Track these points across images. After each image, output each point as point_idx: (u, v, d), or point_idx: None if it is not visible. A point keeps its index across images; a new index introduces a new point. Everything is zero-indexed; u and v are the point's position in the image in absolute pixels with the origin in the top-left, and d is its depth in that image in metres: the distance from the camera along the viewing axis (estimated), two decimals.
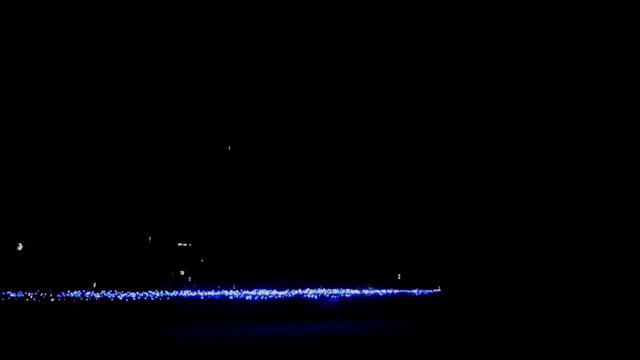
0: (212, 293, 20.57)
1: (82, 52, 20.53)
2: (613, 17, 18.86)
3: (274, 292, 20.49)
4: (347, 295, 21.12)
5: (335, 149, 22.51)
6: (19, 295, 17.52)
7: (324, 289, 21.22)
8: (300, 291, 20.74)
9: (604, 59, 19.53)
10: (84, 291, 18.82)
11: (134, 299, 18.93)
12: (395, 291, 21.41)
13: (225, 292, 20.94)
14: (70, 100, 20.93)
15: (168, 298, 19.53)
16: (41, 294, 17.68)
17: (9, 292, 17.60)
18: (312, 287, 21.21)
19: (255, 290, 20.67)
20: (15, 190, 20.62)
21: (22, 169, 20.59)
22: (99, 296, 18.61)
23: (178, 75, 21.35)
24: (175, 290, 19.89)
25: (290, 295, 20.46)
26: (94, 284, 20.77)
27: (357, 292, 21.30)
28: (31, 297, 17.57)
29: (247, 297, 20.43)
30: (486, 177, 21.07)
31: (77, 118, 21.01)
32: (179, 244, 22.74)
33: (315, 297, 20.81)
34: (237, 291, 20.59)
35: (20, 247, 20.99)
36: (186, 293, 19.82)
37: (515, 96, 20.68)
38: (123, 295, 18.90)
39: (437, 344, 13.79)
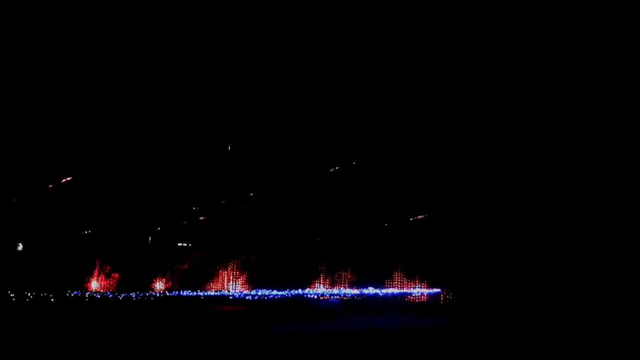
0: (212, 293, 20.63)
1: (82, 52, 20.54)
2: (613, 17, 18.87)
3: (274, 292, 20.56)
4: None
5: (331, 150, 22.50)
6: (18, 296, 17.57)
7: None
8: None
9: (604, 59, 19.52)
10: (83, 291, 18.88)
11: (134, 299, 18.98)
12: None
13: (226, 292, 20.99)
14: (70, 100, 20.93)
15: (168, 298, 19.59)
16: (41, 294, 17.73)
17: (9, 292, 17.64)
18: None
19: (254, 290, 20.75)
20: (14, 191, 20.64)
21: (22, 169, 20.60)
22: (98, 296, 18.66)
23: (177, 76, 21.34)
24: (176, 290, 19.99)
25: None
26: (93, 285, 20.81)
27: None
28: (31, 297, 17.61)
29: (247, 297, 20.48)
30: (480, 175, 21.07)
31: (77, 118, 21.01)
32: (179, 244, 22.76)
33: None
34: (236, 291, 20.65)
35: (20, 247, 21.00)
36: (186, 293, 19.88)
37: (513, 96, 20.69)
38: (123, 295, 18.96)
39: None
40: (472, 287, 20.67)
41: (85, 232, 21.37)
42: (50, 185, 21.05)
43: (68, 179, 21.19)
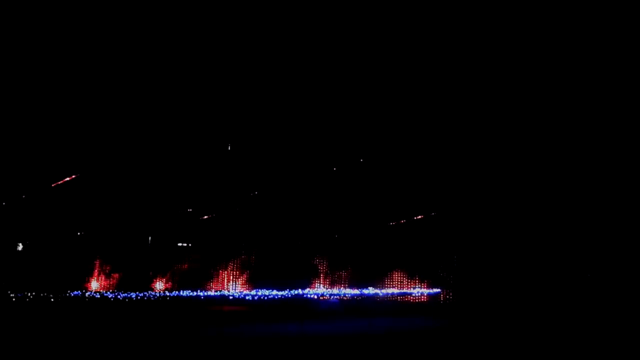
0: (212, 293, 20.63)
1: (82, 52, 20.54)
2: (613, 17, 18.87)
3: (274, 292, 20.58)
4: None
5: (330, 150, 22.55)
6: (19, 295, 17.58)
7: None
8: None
9: (604, 59, 19.53)
10: (83, 291, 18.87)
11: (134, 298, 18.97)
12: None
13: (225, 292, 21.00)
14: (70, 101, 20.94)
15: (168, 298, 19.58)
16: (41, 294, 17.73)
17: (9, 292, 17.65)
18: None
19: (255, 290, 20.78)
20: (15, 190, 20.64)
21: (22, 169, 20.61)
22: (98, 296, 18.65)
23: (177, 75, 21.35)
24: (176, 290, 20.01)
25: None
26: (93, 285, 20.82)
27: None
28: (31, 297, 17.62)
29: (247, 297, 20.48)
30: (484, 175, 21.07)
31: (77, 118, 21.02)
32: (179, 244, 22.78)
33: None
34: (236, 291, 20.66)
35: (20, 247, 21.00)
36: (186, 293, 19.88)
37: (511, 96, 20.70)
38: (123, 295, 18.95)
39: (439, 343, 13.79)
40: (472, 287, 20.67)
41: (85, 232, 21.37)
42: (51, 185, 21.06)
43: (68, 179, 21.20)
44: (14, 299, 17.51)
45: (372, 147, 22.33)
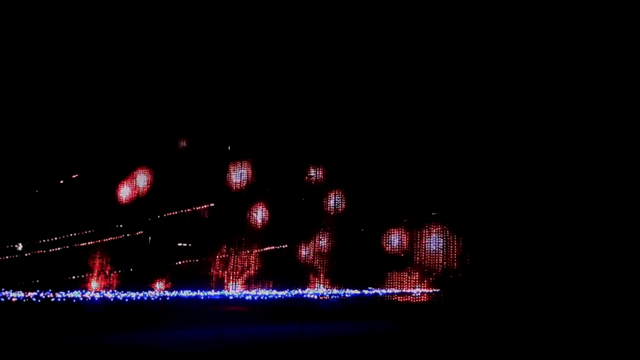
0: (212, 293, 20.61)
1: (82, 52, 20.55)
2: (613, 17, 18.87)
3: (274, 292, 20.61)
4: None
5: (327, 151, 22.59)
6: (19, 296, 17.58)
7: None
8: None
9: (604, 59, 19.53)
10: (83, 291, 18.85)
11: (134, 299, 18.96)
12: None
13: (225, 292, 21.00)
14: (71, 99, 20.94)
15: (168, 298, 19.56)
16: (41, 294, 17.72)
17: (9, 292, 17.65)
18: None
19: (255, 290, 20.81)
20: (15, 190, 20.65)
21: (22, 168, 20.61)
22: (98, 296, 18.64)
23: (178, 76, 21.36)
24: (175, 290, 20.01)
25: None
26: (93, 285, 20.84)
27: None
28: (31, 297, 17.61)
29: (247, 297, 20.49)
30: (483, 174, 21.09)
31: (78, 117, 21.02)
32: (179, 244, 22.77)
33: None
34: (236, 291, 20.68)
35: (20, 247, 21.00)
36: (186, 293, 19.86)
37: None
38: (123, 295, 18.93)
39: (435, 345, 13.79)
40: (472, 287, 20.69)
41: (86, 231, 21.36)
42: (51, 186, 21.06)
43: (68, 179, 21.20)
44: (14, 299, 17.52)
45: (372, 148, 22.34)
